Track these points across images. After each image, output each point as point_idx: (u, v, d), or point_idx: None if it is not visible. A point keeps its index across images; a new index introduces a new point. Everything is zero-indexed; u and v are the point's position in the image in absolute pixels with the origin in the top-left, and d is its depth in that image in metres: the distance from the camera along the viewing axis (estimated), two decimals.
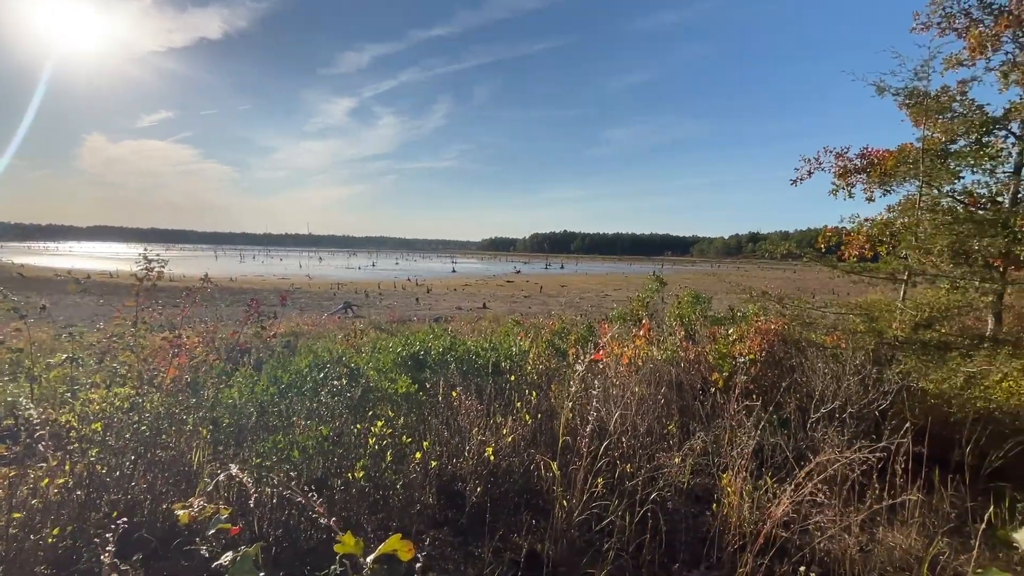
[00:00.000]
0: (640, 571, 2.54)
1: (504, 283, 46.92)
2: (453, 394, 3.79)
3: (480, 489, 3.01)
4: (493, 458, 3.15)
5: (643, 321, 6.07)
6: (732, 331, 5.05)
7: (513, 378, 4.51)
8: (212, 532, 1.39)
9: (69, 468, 2.55)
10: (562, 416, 3.19)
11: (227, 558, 1.21)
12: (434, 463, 3.07)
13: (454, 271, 72.18)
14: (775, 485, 2.87)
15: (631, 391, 3.78)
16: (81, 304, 19.09)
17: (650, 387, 4.07)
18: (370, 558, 1.15)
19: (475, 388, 4.04)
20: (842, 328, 5.11)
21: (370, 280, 46.39)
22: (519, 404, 3.83)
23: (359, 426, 3.15)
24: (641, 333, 5.14)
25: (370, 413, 3.37)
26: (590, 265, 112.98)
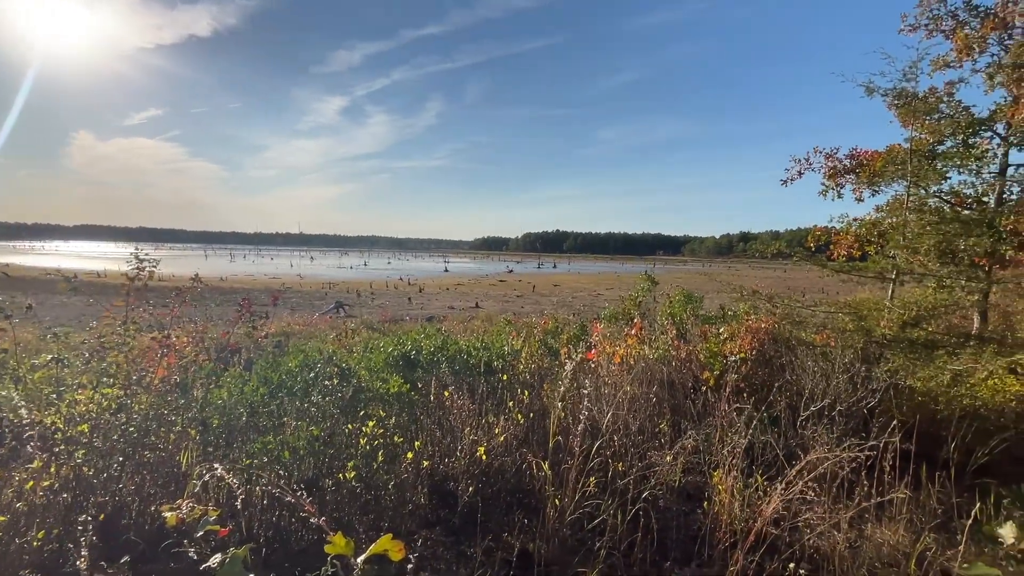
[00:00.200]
0: (632, 569, 2.54)
1: (497, 282, 46.90)
2: (445, 394, 3.78)
3: (472, 489, 3.00)
4: (485, 457, 3.15)
5: (635, 320, 6.09)
6: (723, 330, 5.08)
7: (505, 377, 4.51)
8: (201, 534, 1.37)
9: (55, 470, 2.51)
10: (553, 415, 3.20)
11: (216, 560, 1.20)
12: (426, 463, 3.06)
13: (446, 270, 72.04)
14: (765, 483, 2.89)
15: (623, 390, 3.79)
16: (68, 304, 18.84)
17: (642, 386, 4.08)
18: (361, 559, 1.14)
19: (467, 387, 4.03)
20: (831, 327, 5.16)
21: (362, 280, 46.20)
22: (511, 403, 3.83)
23: (350, 426, 3.13)
24: (633, 332, 5.16)
25: (361, 413, 3.35)
26: (583, 264, 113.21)
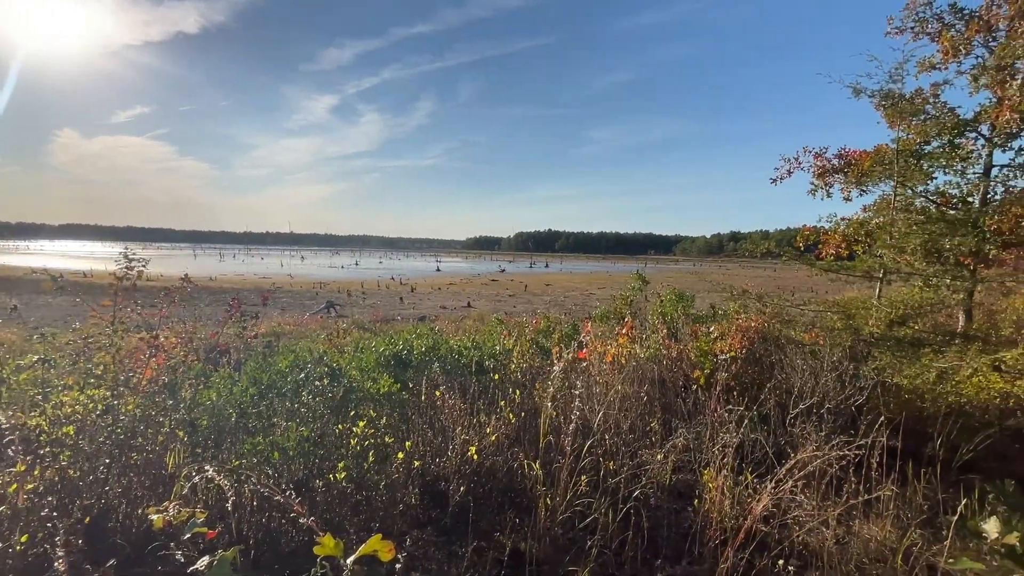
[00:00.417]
0: (623, 568, 2.55)
1: (489, 282, 46.86)
2: (436, 393, 3.77)
3: (463, 488, 3.00)
4: (476, 457, 3.15)
5: (626, 319, 6.11)
6: (713, 329, 5.11)
7: (497, 377, 4.51)
8: (188, 536, 1.36)
9: (39, 473, 2.47)
10: (543, 415, 3.20)
11: (203, 562, 1.19)
12: (417, 463, 3.05)
13: (438, 270, 71.89)
14: (755, 481, 2.92)
15: (614, 389, 3.81)
16: (53, 304, 18.58)
17: (633, 385, 4.10)
18: (350, 559, 1.14)
19: (459, 387, 4.03)
20: (820, 325, 5.21)
21: (353, 279, 45.95)
22: (503, 403, 3.83)
23: (341, 427, 3.12)
24: (624, 331, 5.18)
25: (352, 413, 3.33)
26: (575, 264, 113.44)
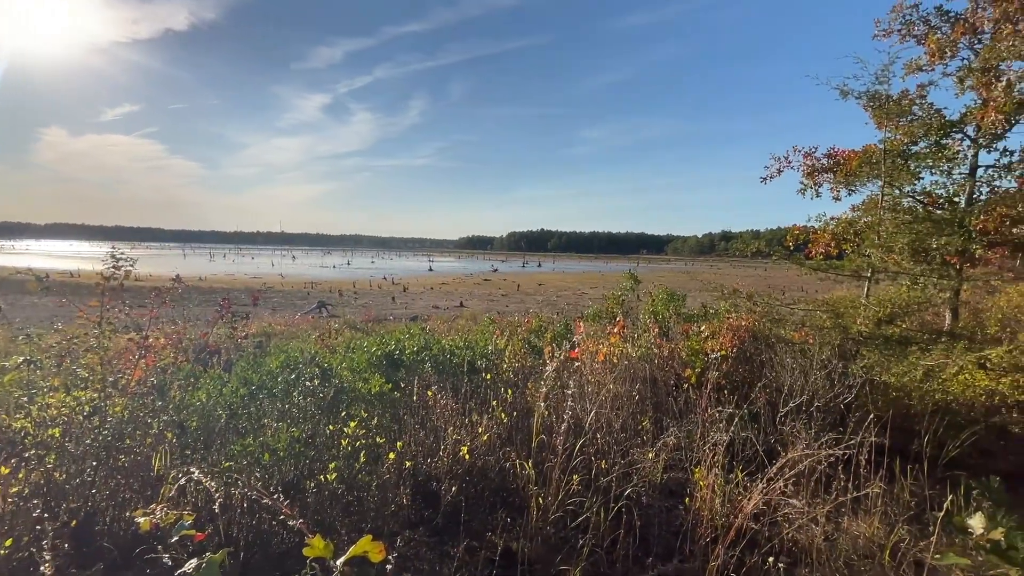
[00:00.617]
0: (615, 566, 2.56)
1: (481, 281, 46.82)
2: (428, 393, 3.76)
3: (455, 488, 2.99)
4: (468, 457, 3.14)
5: (618, 319, 6.13)
6: (704, 328, 5.14)
7: (489, 376, 4.51)
8: (176, 539, 1.35)
9: (24, 476, 2.44)
10: (537, 414, 3.20)
11: (191, 565, 1.17)
12: (408, 463, 3.04)
13: (431, 270, 71.72)
14: (746, 479, 2.94)
15: (606, 388, 3.82)
16: (39, 305, 18.34)
17: (624, 384, 4.11)
18: (340, 560, 1.13)
19: (451, 387, 4.02)
20: (810, 324, 5.25)
21: (345, 279, 45.73)
22: (495, 403, 3.83)
23: (332, 427, 3.10)
24: (616, 331, 5.19)
25: (343, 414, 3.31)
26: (567, 263, 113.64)
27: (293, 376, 3.51)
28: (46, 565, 1.35)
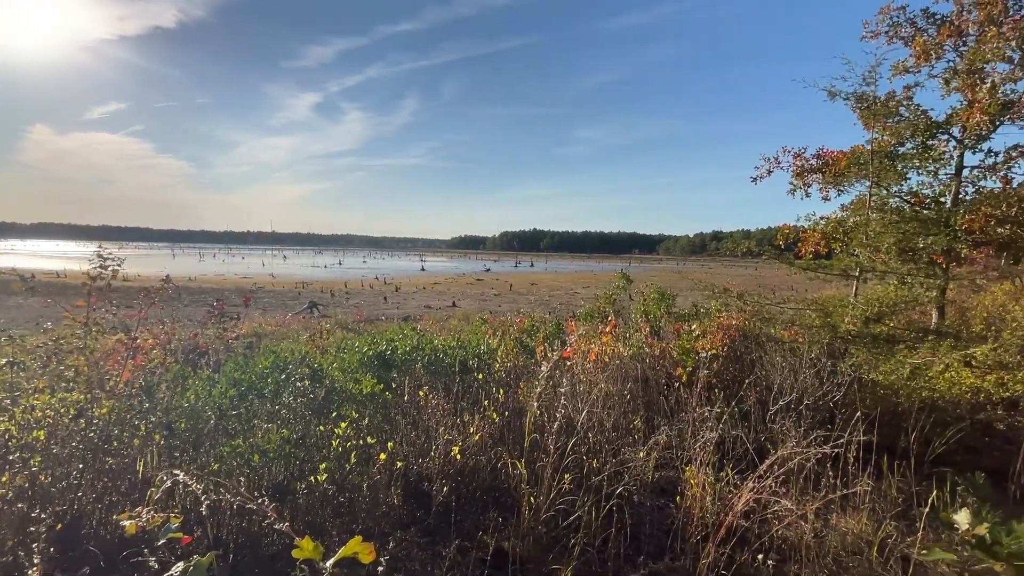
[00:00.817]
0: (606, 565, 2.57)
1: (474, 281, 46.77)
2: (420, 393, 3.75)
3: (447, 488, 2.99)
4: (460, 457, 3.13)
5: (610, 318, 6.15)
6: (695, 327, 5.17)
7: (481, 376, 4.50)
8: (163, 542, 1.33)
9: (8, 479, 2.40)
10: (529, 414, 3.20)
11: (178, 568, 1.16)
12: (400, 463, 3.03)
13: (423, 269, 71.54)
14: (736, 477, 2.96)
15: (598, 387, 3.83)
16: (24, 305, 18.08)
17: (616, 383, 4.12)
18: (330, 562, 1.12)
19: (442, 387, 4.01)
20: (799, 323, 5.30)
21: (337, 279, 45.49)
22: (487, 402, 3.82)
23: (322, 428, 3.08)
24: (608, 330, 5.20)
25: (334, 414, 3.30)
26: (559, 263, 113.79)
27: (283, 377, 3.48)
28: (32, 569, 1.32)
